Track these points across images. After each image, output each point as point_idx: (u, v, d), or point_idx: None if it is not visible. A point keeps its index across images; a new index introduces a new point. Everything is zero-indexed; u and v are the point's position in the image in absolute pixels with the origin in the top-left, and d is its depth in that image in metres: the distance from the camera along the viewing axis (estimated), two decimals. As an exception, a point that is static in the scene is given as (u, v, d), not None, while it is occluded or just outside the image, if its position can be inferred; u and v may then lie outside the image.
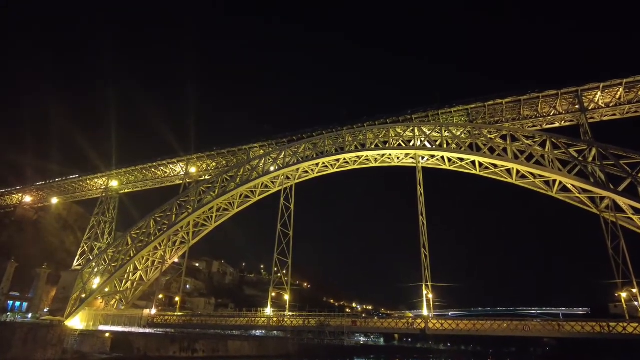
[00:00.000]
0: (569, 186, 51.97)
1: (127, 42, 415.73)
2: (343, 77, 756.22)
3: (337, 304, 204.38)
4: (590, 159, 49.49)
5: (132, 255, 71.98)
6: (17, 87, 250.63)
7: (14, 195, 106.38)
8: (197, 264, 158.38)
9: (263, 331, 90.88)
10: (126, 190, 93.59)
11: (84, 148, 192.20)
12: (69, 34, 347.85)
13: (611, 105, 55.34)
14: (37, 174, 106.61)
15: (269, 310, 59.67)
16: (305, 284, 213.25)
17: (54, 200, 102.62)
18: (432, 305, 50.49)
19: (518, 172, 54.99)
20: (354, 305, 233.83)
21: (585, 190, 50.18)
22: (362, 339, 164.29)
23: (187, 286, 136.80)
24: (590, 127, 53.82)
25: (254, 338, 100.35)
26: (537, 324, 45.53)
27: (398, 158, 64.82)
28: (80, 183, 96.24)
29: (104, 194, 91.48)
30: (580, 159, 49.79)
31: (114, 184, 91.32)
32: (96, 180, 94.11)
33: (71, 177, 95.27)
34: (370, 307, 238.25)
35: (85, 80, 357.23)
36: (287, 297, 60.69)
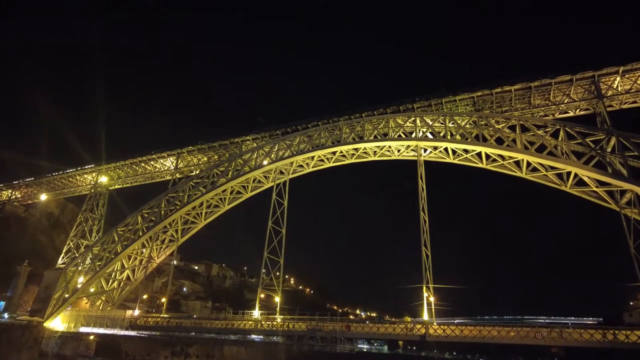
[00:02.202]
0: (585, 179, 47.17)
1: (120, 33, 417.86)
2: (343, 76, 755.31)
3: (340, 310, 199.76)
4: (609, 149, 44.87)
5: (118, 252, 68.39)
6: (6, 83, 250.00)
7: (3, 192, 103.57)
8: (196, 267, 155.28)
9: (261, 336, 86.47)
10: (116, 187, 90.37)
11: (73, 144, 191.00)
12: (63, 32, 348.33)
13: (632, 91, 50.40)
14: (26, 170, 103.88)
15: (256, 313, 55.46)
16: (308, 289, 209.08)
17: (43, 197, 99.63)
18: (433, 309, 46.18)
19: (528, 164, 50.39)
20: (357, 312, 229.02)
21: (603, 183, 45.50)
22: (365, 346, 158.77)
23: (184, 289, 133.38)
24: (608, 115, 49.04)
25: (251, 343, 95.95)
26: (551, 330, 40.96)
27: (398, 151, 60.55)
28: (70, 179, 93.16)
29: (93, 190, 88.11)
30: (597, 149, 45.20)
31: (104, 179, 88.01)
32: (85, 175, 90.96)
33: (60, 172, 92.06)
34: (374, 314, 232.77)
35: (76, 74, 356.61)
36: (277, 299, 56.50)
